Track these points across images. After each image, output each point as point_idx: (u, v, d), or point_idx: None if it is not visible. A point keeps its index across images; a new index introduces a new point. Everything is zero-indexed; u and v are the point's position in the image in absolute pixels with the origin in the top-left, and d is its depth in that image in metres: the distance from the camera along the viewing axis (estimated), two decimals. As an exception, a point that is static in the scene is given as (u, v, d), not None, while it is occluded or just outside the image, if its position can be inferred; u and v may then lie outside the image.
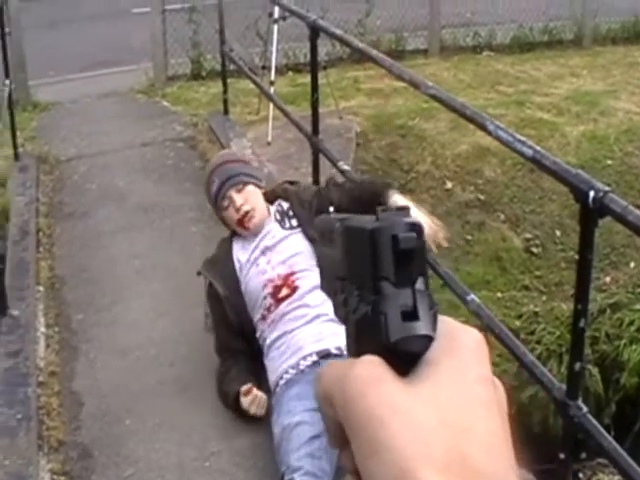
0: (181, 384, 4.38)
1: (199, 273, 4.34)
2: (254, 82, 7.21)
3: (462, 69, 10.28)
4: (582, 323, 2.65)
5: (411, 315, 0.59)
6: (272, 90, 7.49)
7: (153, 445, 3.99)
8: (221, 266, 4.29)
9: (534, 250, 7.66)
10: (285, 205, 4.35)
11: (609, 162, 8.10)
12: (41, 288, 5.31)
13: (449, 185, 7.84)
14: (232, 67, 8.17)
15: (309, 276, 4.03)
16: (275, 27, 8.00)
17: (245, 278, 4.20)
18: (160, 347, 4.68)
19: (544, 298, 7.12)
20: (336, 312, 0.68)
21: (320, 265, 0.73)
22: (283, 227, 4.26)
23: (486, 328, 3.16)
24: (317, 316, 3.93)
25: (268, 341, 4.06)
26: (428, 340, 0.59)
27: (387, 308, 0.59)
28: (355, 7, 10.75)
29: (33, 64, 9.54)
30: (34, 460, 3.82)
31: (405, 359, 0.59)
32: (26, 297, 5.10)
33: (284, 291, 4.05)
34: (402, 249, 0.60)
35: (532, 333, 6.45)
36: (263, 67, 8.35)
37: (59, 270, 5.61)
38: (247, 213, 4.23)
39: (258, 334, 4.13)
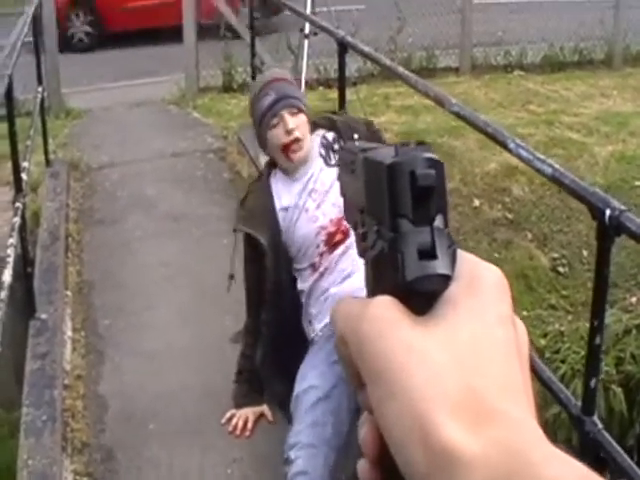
0: (206, 390, 4.41)
1: (235, 230, 3.94)
2: (285, 95, 7.25)
3: (493, 88, 10.30)
4: (598, 340, 2.68)
5: (429, 254, 0.58)
6: (302, 104, 7.52)
7: (176, 449, 4.04)
8: (261, 215, 3.81)
9: (561, 269, 7.66)
10: (330, 136, 3.83)
11: (637, 183, 8.08)
12: (69, 293, 5.39)
13: (477, 203, 7.86)
14: (263, 80, 8.23)
15: None
16: (306, 42, 8.09)
17: (293, 226, 3.78)
18: (186, 353, 4.73)
19: (570, 317, 7.11)
20: (357, 246, 0.66)
21: (343, 194, 0.71)
22: (329, 164, 3.76)
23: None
24: None
25: (316, 292, 3.77)
26: (446, 279, 0.58)
27: (404, 246, 0.58)
28: (387, 24, 10.79)
29: (66, 73, 9.65)
30: (58, 460, 3.88)
31: (422, 299, 0.58)
32: (54, 301, 5.16)
33: (337, 237, 3.73)
34: (420, 186, 0.58)
35: (557, 352, 6.44)
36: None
37: (87, 275, 5.68)
38: (297, 140, 3.72)
39: (302, 285, 3.83)
